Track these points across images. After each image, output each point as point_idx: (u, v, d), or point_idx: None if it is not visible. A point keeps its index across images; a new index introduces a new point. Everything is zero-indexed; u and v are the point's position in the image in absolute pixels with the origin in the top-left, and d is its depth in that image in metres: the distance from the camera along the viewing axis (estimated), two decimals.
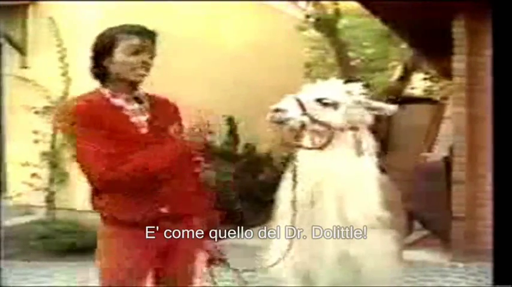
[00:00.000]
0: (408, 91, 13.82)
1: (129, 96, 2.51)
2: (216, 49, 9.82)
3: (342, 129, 2.58)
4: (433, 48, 8.51)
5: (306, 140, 2.64)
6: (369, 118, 2.66)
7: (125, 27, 2.48)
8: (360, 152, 2.57)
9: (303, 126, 2.55)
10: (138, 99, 2.54)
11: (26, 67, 8.11)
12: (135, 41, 2.43)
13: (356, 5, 8.45)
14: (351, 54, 13.81)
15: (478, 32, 6.13)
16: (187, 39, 9.09)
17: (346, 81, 2.79)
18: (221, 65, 9.70)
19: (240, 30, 10.60)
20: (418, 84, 15.36)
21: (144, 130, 2.49)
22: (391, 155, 7.13)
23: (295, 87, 2.78)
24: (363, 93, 2.67)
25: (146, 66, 2.47)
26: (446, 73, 9.29)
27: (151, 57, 2.49)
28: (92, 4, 7.79)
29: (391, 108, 2.70)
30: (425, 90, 15.30)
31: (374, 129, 2.78)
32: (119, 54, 2.42)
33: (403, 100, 12.09)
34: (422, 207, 6.49)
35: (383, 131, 11.19)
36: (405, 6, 6.35)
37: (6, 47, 8.21)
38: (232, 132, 9.94)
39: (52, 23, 7.74)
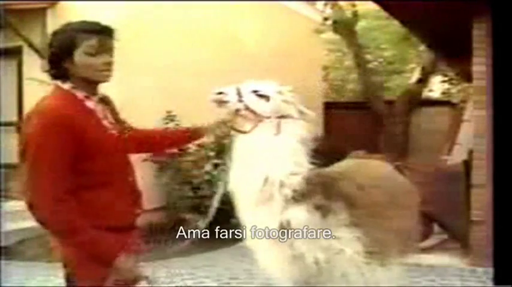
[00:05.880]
0: (426, 94, 13.76)
1: (96, 97, 2.44)
2: (232, 51, 9.84)
3: (268, 119, 2.83)
4: (452, 51, 8.44)
5: (238, 125, 2.91)
6: (295, 113, 2.88)
7: (84, 25, 2.41)
8: (278, 132, 2.80)
9: (237, 111, 2.83)
10: (101, 100, 2.47)
11: (46, 71, 8.17)
12: (95, 41, 2.35)
13: (374, 7, 8.42)
14: (369, 56, 13.78)
15: None
16: (204, 41, 9.13)
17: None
18: (237, 66, 9.72)
19: (257, 33, 10.61)
20: (436, 87, 15.29)
21: (114, 132, 2.45)
22: (410, 158, 7.09)
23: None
24: (292, 96, 2.90)
25: (109, 66, 2.40)
26: (466, 76, 9.23)
27: (112, 56, 2.42)
28: (111, 6, 7.85)
29: (310, 114, 2.91)
30: (443, 93, 15.21)
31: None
32: (80, 56, 2.35)
33: (422, 103, 12.08)
34: (441, 210, 6.44)
35: (402, 134, 11.15)
36: (424, 8, 6.32)
37: (26, 50, 8.30)
38: None
39: None
